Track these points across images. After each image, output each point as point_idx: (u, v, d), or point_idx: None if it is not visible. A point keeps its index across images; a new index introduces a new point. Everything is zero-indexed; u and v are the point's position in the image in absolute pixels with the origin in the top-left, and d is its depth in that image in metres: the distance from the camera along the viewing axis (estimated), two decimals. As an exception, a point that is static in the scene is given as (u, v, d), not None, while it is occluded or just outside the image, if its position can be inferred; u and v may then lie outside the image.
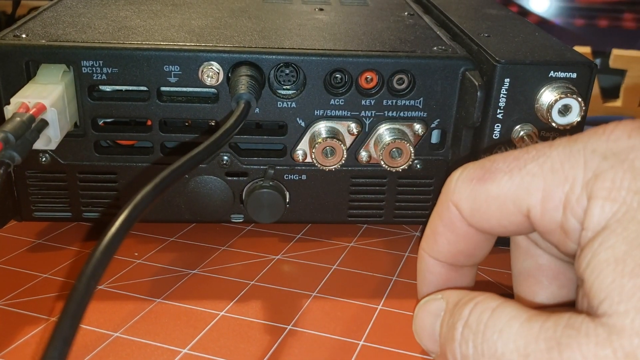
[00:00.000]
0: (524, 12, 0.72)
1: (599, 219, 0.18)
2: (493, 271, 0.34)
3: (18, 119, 0.27)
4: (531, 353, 0.17)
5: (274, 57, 0.32)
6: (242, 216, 0.36)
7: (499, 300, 0.19)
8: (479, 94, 0.32)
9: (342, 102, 0.34)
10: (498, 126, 0.33)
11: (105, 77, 0.32)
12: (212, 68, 0.32)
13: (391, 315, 0.30)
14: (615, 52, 0.64)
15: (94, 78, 0.32)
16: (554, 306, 0.24)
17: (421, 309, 0.23)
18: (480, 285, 0.33)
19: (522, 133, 0.32)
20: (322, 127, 0.34)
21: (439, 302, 0.22)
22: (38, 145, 0.29)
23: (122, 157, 0.34)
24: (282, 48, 0.33)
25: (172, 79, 0.32)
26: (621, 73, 0.64)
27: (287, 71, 0.33)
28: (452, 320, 0.20)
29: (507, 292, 0.33)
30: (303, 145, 0.34)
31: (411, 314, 0.30)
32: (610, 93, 0.65)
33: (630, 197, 0.18)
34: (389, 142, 0.33)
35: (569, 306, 0.24)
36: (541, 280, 0.24)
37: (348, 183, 0.36)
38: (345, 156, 0.33)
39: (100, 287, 0.31)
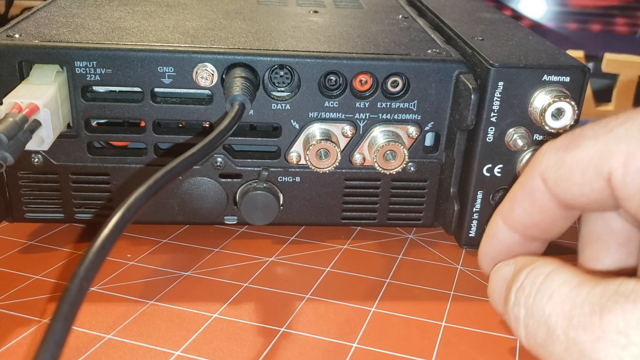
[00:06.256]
0: (518, 16, 0.72)
1: None
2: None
3: (10, 119, 0.27)
4: (575, 317, 0.17)
5: (268, 58, 0.32)
6: (236, 218, 0.36)
7: (555, 265, 0.19)
8: (472, 97, 0.32)
9: (336, 104, 0.34)
10: (492, 129, 0.33)
11: (98, 78, 0.32)
12: (206, 69, 0.32)
13: (385, 318, 0.30)
14: (608, 56, 0.65)
15: (88, 79, 0.32)
16: (614, 273, 0.23)
17: (494, 273, 0.23)
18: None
19: (515, 136, 0.32)
20: (316, 129, 0.34)
21: (509, 267, 0.22)
22: (31, 145, 0.29)
23: (115, 158, 0.34)
24: (277, 50, 0.33)
25: (166, 80, 0.32)
26: (613, 77, 0.65)
27: (282, 73, 0.33)
28: (511, 284, 0.21)
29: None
30: (297, 147, 0.34)
31: (405, 316, 0.30)
32: (603, 97, 0.65)
33: None
34: (383, 144, 0.33)
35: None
36: (609, 245, 0.23)
37: (342, 185, 0.36)
38: (339, 158, 0.33)
39: (92, 288, 0.31)
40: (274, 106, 0.33)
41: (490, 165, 0.34)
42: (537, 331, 0.19)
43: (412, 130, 0.34)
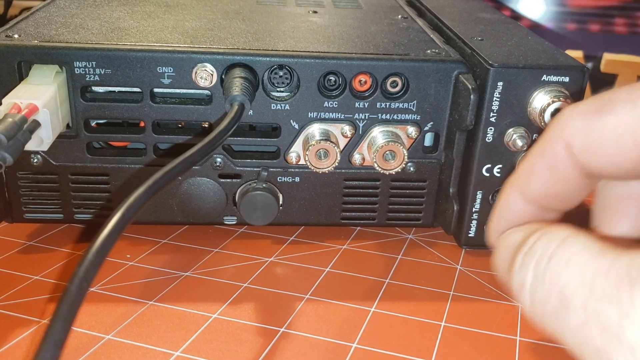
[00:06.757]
0: (517, 16, 0.72)
1: None
2: (485, 273, 0.34)
3: (10, 119, 0.27)
4: (598, 286, 0.16)
5: (267, 59, 0.32)
6: (235, 218, 0.36)
7: (570, 231, 0.18)
8: (472, 97, 0.32)
9: (335, 104, 0.34)
10: (491, 129, 0.33)
11: (98, 78, 0.32)
12: (205, 70, 0.32)
13: (384, 318, 0.30)
14: (607, 56, 0.65)
15: (87, 79, 0.32)
16: (631, 240, 0.22)
17: (503, 239, 0.21)
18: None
19: (515, 136, 0.32)
20: (315, 129, 0.34)
21: (519, 234, 0.20)
22: (30, 146, 0.29)
23: (115, 158, 0.34)
24: (276, 50, 0.33)
25: (166, 81, 0.32)
26: (612, 77, 0.65)
27: (281, 73, 0.33)
28: (518, 248, 0.19)
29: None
30: (296, 148, 0.34)
31: (404, 316, 0.30)
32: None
33: None
34: (382, 144, 0.33)
35: None
36: (628, 211, 0.22)
37: (341, 185, 0.36)
38: (338, 159, 0.33)
39: (92, 289, 0.31)
40: (274, 106, 0.33)
41: (489, 166, 0.34)
42: (547, 299, 0.17)
43: (412, 130, 0.34)
